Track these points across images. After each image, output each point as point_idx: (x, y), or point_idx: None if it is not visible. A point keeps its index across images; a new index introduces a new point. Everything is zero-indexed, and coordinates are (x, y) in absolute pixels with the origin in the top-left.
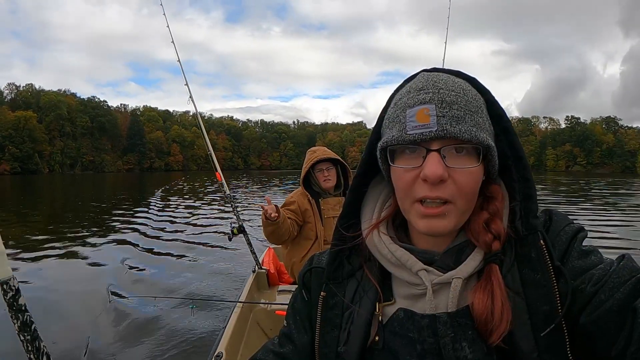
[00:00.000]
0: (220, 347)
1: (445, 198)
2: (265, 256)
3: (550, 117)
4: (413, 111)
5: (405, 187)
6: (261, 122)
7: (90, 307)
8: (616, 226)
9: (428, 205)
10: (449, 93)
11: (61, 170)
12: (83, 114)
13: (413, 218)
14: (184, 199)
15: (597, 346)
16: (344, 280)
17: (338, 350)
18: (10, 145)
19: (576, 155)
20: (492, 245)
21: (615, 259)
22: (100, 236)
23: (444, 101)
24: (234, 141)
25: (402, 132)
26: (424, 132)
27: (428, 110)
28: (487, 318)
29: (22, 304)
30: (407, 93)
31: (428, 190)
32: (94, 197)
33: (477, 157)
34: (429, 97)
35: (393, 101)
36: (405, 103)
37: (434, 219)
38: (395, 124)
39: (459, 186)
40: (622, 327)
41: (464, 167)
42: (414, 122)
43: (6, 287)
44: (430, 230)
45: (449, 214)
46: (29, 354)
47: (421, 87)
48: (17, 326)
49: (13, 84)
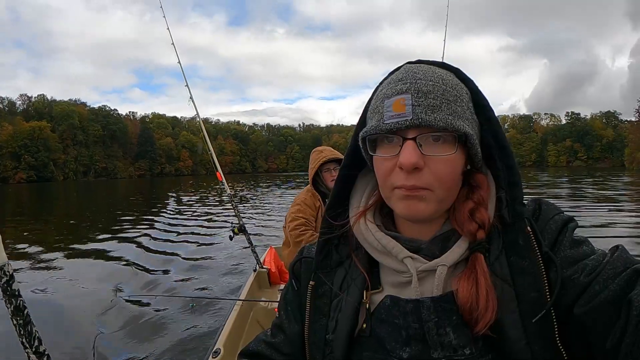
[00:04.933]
0: (219, 343)
1: (421, 186)
2: (267, 255)
3: (552, 114)
4: (390, 101)
5: (384, 175)
6: (267, 126)
7: (95, 305)
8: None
9: (406, 187)
10: (426, 83)
11: (75, 178)
12: (94, 123)
13: (394, 203)
14: (190, 201)
15: (592, 337)
16: (332, 269)
17: (326, 338)
18: (26, 154)
19: (577, 151)
20: (476, 234)
21: (608, 250)
22: (110, 238)
23: (420, 90)
24: (241, 145)
25: (379, 121)
26: (399, 121)
27: (404, 100)
28: (472, 306)
29: (15, 289)
30: (387, 84)
31: (404, 178)
32: (106, 202)
33: (455, 145)
34: (405, 87)
35: (375, 93)
36: (384, 94)
37: (413, 200)
38: (374, 114)
39: (435, 174)
40: (616, 319)
41: (440, 155)
42: (390, 112)
43: (1, 272)
44: (410, 211)
45: (428, 198)
46: (21, 337)
47: (400, 78)
48: (10, 310)
49: (25, 94)
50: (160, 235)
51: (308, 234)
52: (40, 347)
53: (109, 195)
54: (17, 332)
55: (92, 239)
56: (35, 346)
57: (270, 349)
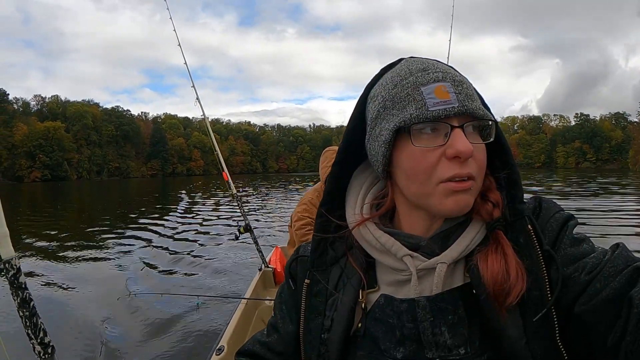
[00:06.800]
0: (223, 341)
1: (472, 174)
2: (273, 255)
3: (561, 115)
4: (429, 88)
5: (428, 168)
6: (278, 127)
7: (102, 301)
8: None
9: (456, 181)
10: (455, 72)
11: (89, 177)
12: (108, 123)
13: (436, 199)
14: (198, 201)
15: (592, 336)
16: (327, 267)
17: (322, 337)
18: (41, 153)
19: (586, 152)
20: (492, 212)
21: (609, 248)
22: (119, 236)
23: (455, 80)
24: (252, 146)
25: (421, 109)
26: (447, 108)
27: (445, 87)
28: (503, 278)
29: (22, 282)
30: (408, 74)
31: (458, 167)
32: (118, 200)
33: (481, 134)
34: (440, 75)
35: (384, 87)
36: (415, 82)
37: (461, 194)
38: (408, 102)
39: (479, 163)
40: (617, 317)
41: (481, 143)
42: (434, 99)
43: (8, 265)
44: (459, 206)
45: (472, 189)
46: (27, 329)
47: (423, 67)
48: (17, 302)
49: (39, 95)
50: (168, 233)
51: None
52: (45, 339)
53: (121, 195)
54: (23, 324)
55: (101, 237)
56: (40, 337)
57: (265, 349)
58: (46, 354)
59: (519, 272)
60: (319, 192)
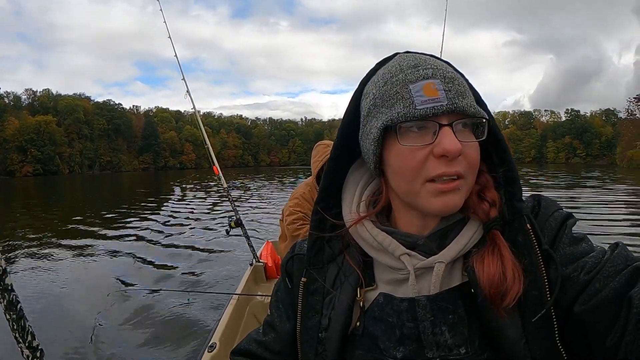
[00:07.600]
0: (215, 337)
1: (461, 173)
2: (264, 250)
3: (552, 110)
4: (418, 86)
5: (415, 167)
6: (270, 120)
7: (92, 298)
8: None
9: (443, 181)
10: (446, 69)
11: (80, 171)
12: (99, 117)
13: (424, 199)
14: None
15: (591, 335)
16: (324, 265)
17: (319, 336)
18: (32, 148)
19: (576, 148)
20: (489, 212)
21: (608, 247)
22: (110, 231)
23: (446, 76)
24: (244, 139)
25: (409, 107)
26: (435, 106)
27: (434, 84)
28: (500, 281)
29: (8, 284)
30: (398, 71)
31: (445, 166)
32: (110, 195)
33: (474, 132)
34: (430, 72)
35: (375, 84)
36: (404, 79)
37: (449, 194)
38: (396, 101)
39: (468, 161)
40: (616, 317)
41: (472, 141)
42: (422, 97)
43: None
44: (446, 207)
45: (462, 189)
46: (15, 332)
47: (414, 64)
48: (3, 305)
49: (30, 89)
50: (158, 228)
51: (305, 228)
52: (34, 342)
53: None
54: (10, 327)
55: (92, 232)
56: (28, 341)
57: (261, 348)
58: (35, 358)
59: (515, 274)
60: (311, 186)
